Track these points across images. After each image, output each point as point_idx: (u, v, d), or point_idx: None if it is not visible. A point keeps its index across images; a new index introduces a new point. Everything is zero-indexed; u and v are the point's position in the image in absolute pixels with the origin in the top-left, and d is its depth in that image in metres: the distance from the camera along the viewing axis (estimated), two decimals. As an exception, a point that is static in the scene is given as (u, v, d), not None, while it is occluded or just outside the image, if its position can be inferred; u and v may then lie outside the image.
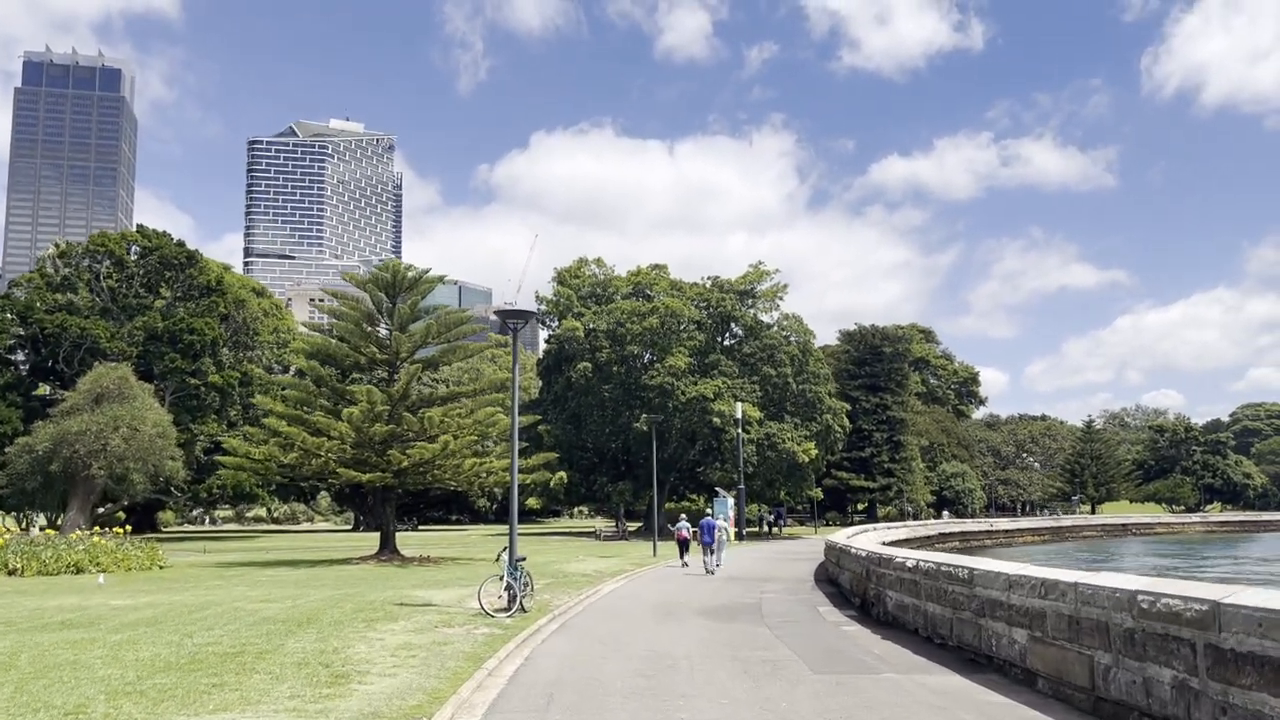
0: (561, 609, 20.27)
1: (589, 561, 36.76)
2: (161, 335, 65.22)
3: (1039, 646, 10.82)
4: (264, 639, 14.34)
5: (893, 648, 14.81)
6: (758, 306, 73.95)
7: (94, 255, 71.90)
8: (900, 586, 16.84)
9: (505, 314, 19.33)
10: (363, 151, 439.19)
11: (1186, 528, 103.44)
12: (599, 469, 71.53)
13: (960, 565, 13.52)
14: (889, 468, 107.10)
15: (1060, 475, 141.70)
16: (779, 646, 15.04)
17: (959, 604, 13.48)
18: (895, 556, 17.29)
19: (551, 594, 23.44)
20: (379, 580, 27.34)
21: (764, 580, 29.50)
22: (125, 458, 48.57)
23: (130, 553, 31.70)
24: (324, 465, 35.77)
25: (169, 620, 17.14)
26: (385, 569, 33.14)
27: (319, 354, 38.01)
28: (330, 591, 23.13)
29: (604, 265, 76.96)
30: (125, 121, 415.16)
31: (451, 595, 22.02)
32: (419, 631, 15.72)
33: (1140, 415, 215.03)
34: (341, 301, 39.04)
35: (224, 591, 23.67)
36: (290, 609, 18.98)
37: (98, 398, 50.37)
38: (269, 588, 24.84)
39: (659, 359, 68.35)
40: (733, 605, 21.77)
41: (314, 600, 20.80)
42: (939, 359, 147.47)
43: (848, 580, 23.57)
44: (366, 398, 34.95)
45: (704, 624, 18.18)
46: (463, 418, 36.99)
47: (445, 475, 36.53)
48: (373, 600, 20.68)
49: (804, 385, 71.43)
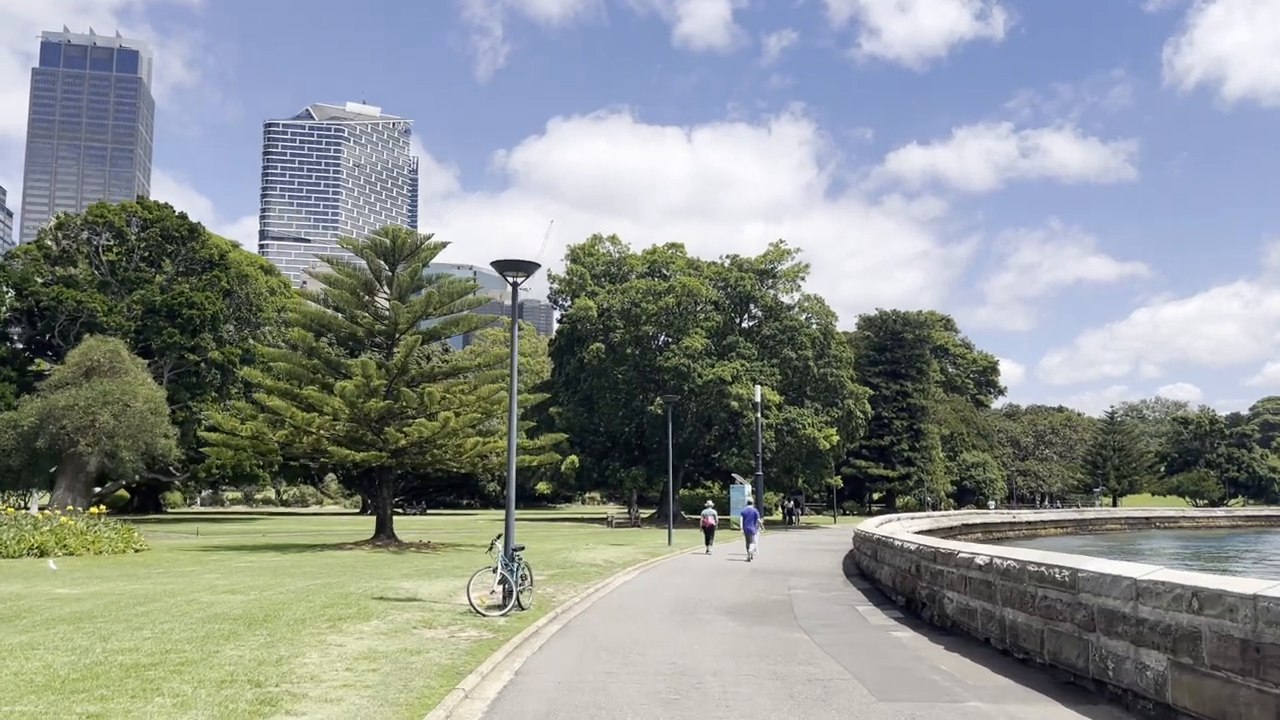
0: (565, 605, 17.69)
1: (599, 550, 34.21)
2: (160, 309, 62.94)
3: (1188, 678, 8.15)
4: (198, 643, 11.79)
5: (965, 663, 12.15)
6: (778, 287, 71.00)
7: (93, 227, 69.63)
8: (965, 587, 14.16)
9: (503, 265, 16.68)
10: (379, 135, 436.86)
11: (1211, 521, 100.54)
12: (611, 454, 68.92)
13: (1058, 565, 10.83)
14: (909, 456, 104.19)
15: (1081, 467, 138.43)
16: (824, 659, 12.42)
17: (1055, 613, 10.80)
18: (959, 551, 14.60)
19: (555, 587, 20.88)
20: (367, 568, 24.83)
21: (789, 573, 26.88)
22: (115, 435, 46.24)
23: (102, 535, 29.24)
24: (316, 443, 33.29)
25: (103, 615, 14.63)
26: (378, 555, 30.67)
27: (312, 324, 35.40)
28: (307, 582, 20.62)
29: (619, 243, 74.13)
30: (142, 103, 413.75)
31: (441, 588, 19.46)
32: (391, 634, 13.15)
33: (1159, 408, 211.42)
34: (337, 268, 36.44)
35: (190, 579, 21.20)
36: (252, 602, 16.45)
37: (87, 372, 48.04)
38: (242, 575, 22.36)
39: (675, 340, 65.60)
40: (760, 603, 19.17)
41: (284, 592, 18.28)
42: (958, 347, 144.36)
43: (888, 576, 20.90)
44: (361, 370, 32.39)
45: (731, 627, 15.57)
46: (465, 394, 34.40)
47: (446, 456, 33.95)
48: (350, 593, 18.14)
49: (825, 369, 68.54)
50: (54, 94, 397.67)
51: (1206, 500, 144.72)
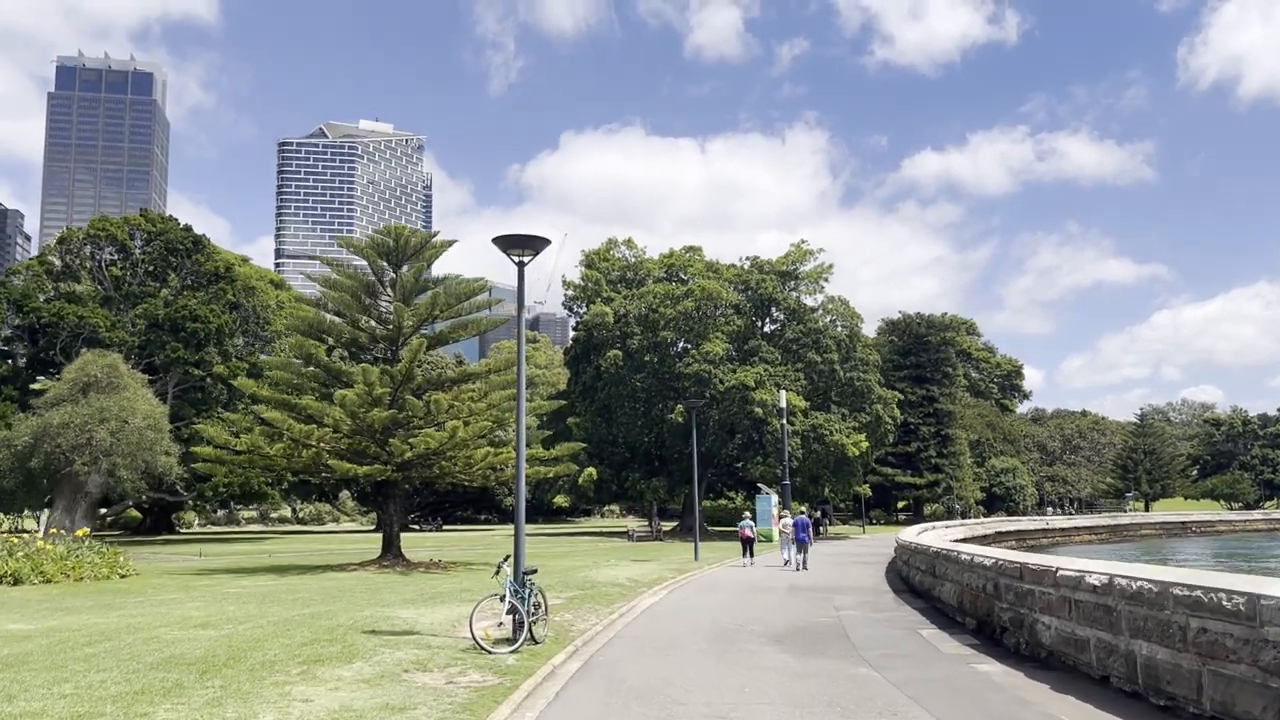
0: (586, 635, 15.28)
1: (622, 567, 31.77)
2: (162, 323, 61.01)
3: None
4: (126, 703, 9.43)
5: (1087, 711, 9.67)
6: (800, 289, 68.53)
7: (96, 241, 67.90)
8: (1071, 611, 11.68)
9: (507, 241, 14.37)
10: (392, 152, 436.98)
11: (1249, 525, 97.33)
12: (631, 464, 66.48)
13: (1222, 588, 8.36)
14: (936, 463, 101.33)
15: (1111, 471, 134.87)
16: (908, 706, 9.97)
17: (1221, 651, 8.33)
18: (1058, 567, 12.11)
19: (574, 612, 18.48)
20: (366, 593, 22.49)
21: (831, 590, 24.39)
22: (112, 453, 44.17)
23: (84, 560, 27.03)
24: (316, 457, 31.02)
25: (37, 661, 12.33)
26: (383, 577, 28.34)
27: (311, 329, 33.15)
28: (295, 611, 18.30)
29: (634, 247, 71.90)
30: (157, 125, 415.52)
31: (444, 617, 17.09)
32: (375, 682, 10.78)
33: (1186, 410, 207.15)
34: (336, 270, 34.23)
35: (165, 610, 18.91)
36: (221, 639, 14.12)
37: (84, 388, 46.05)
38: (226, 604, 20.07)
39: (694, 346, 63.18)
40: (808, 628, 16.72)
41: (264, 624, 15.96)
42: (981, 351, 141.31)
43: (952, 594, 18.40)
44: (363, 378, 30.11)
45: (781, 660, 13.13)
46: (475, 401, 32.07)
47: (455, 468, 31.59)
48: (339, 625, 15.80)
49: (852, 373, 65.94)
50: (70, 118, 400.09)
51: (1242, 503, 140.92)
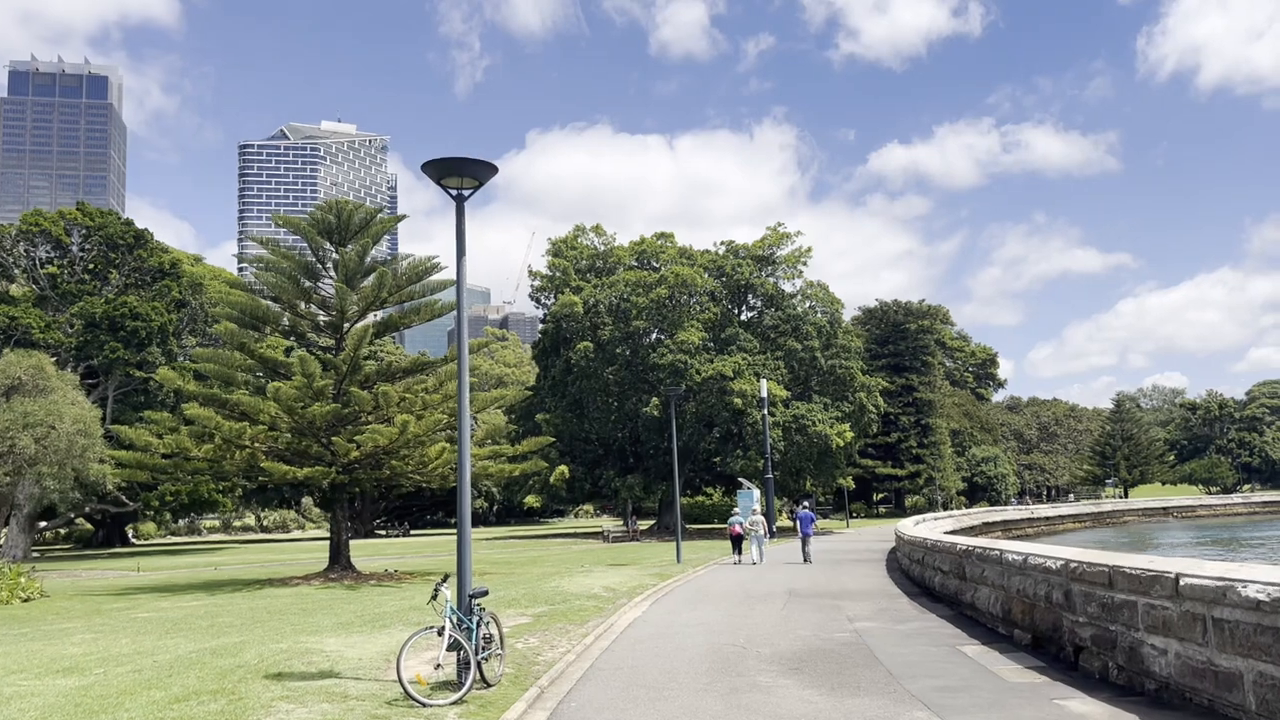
0: (554, 670, 12.09)
1: (597, 574, 28.56)
2: (100, 322, 57.07)
3: None
4: None
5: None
6: (778, 274, 65.62)
7: (29, 238, 63.85)
8: (1208, 634, 8.63)
9: (438, 166, 11.15)
10: (355, 153, 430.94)
11: (1229, 509, 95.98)
12: (604, 462, 63.25)
13: None
14: (918, 454, 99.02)
15: (1090, 458, 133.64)
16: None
17: None
18: (1184, 573, 9.03)
19: (541, 635, 15.29)
20: (297, 615, 19.16)
21: (836, 595, 21.36)
22: (37, 461, 40.40)
23: (-23, 582, 23.55)
24: (251, 459, 27.57)
25: None
26: (326, 592, 24.99)
27: (245, 316, 29.67)
28: (197, 644, 14.96)
29: (604, 234, 68.66)
30: (114, 129, 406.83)
31: (379, 649, 13.84)
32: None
33: (1156, 395, 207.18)
34: (271, 250, 30.78)
35: (38, 646, 15.49)
36: (76, 693, 10.81)
37: (7, 392, 42.24)
38: (121, 635, 16.69)
39: (669, 335, 60.09)
40: (826, 648, 13.61)
41: (145, 667, 12.63)
42: (956, 340, 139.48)
43: (994, 602, 15.36)
44: (301, 369, 26.71)
45: (807, 701, 10.01)
46: (429, 394, 28.74)
47: (408, 468, 28.24)
48: (241, 664, 12.50)
49: (833, 360, 63.09)
50: (24, 123, 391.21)
51: (1220, 487, 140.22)
